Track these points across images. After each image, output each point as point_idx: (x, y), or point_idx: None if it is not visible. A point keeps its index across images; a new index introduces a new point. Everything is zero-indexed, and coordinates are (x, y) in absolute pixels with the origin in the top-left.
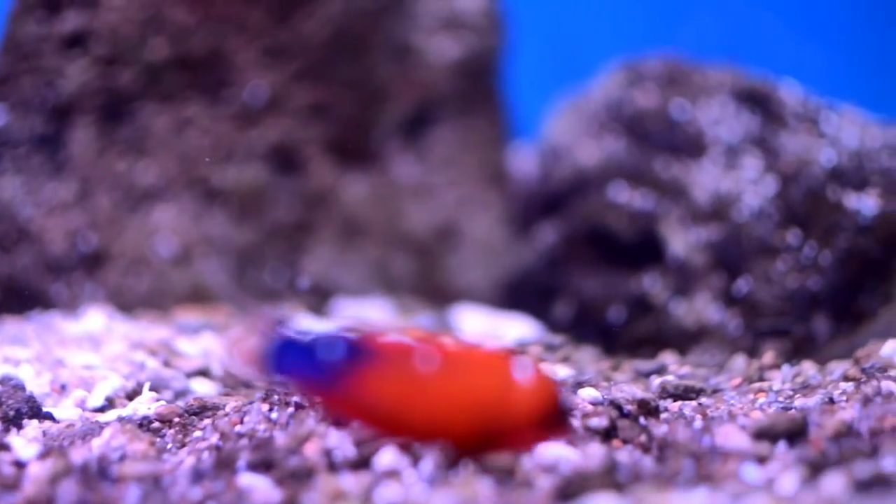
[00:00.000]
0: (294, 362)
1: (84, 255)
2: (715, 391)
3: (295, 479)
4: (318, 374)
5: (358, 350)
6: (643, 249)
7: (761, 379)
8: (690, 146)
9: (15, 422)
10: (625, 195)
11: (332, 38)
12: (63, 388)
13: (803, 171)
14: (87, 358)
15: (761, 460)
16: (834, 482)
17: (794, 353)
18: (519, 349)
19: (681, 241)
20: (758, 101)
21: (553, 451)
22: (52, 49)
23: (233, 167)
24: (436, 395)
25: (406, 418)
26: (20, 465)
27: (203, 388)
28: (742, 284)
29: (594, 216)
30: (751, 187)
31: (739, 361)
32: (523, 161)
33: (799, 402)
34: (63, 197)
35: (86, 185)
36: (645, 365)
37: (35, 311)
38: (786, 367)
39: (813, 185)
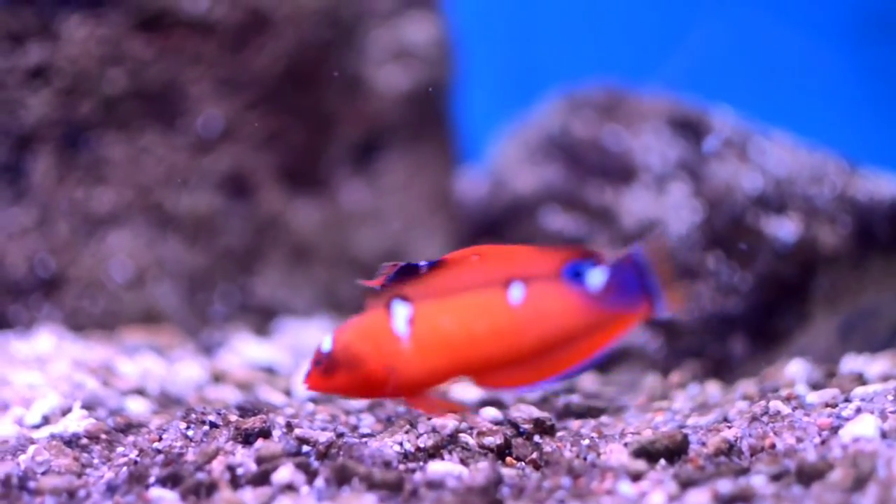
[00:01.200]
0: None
1: (42, 278)
2: (618, 410)
3: (199, 493)
4: None
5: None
6: None
7: (665, 398)
8: (623, 173)
9: None
10: (558, 221)
11: (284, 69)
12: (4, 406)
13: (727, 198)
14: (31, 377)
15: (636, 477)
16: (699, 497)
17: (712, 373)
18: None
19: None
20: (691, 128)
21: (441, 467)
22: (15, 81)
23: (186, 194)
24: None
25: None
26: None
27: (137, 407)
28: None
29: (528, 240)
30: (677, 213)
31: (650, 380)
32: (471, 185)
33: (693, 420)
34: (23, 223)
35: (45, 212)
36: (556, 384)
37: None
38: (691, 387)
39: (736, 210)
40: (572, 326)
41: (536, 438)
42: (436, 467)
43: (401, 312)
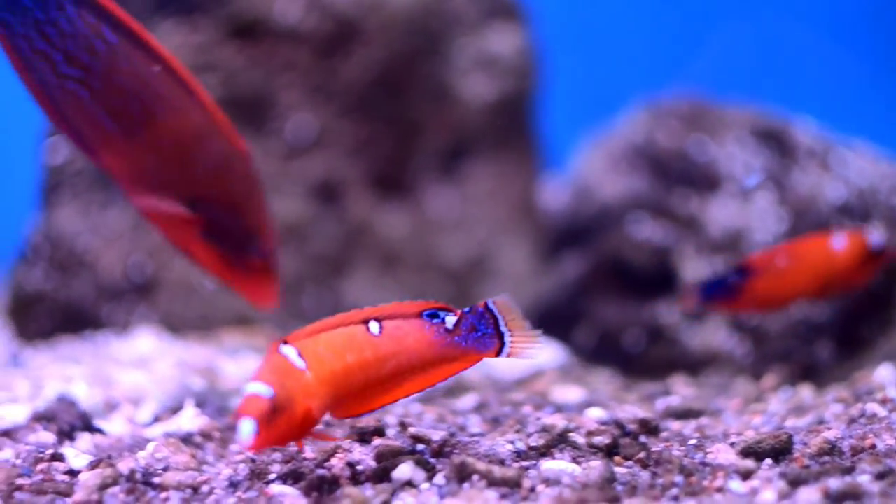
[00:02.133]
0: None
1: (137, 281)
2: (715, 412)
3: (321, 489)
4: None
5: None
6: (659, 280)
7: (759, 401)
8: (708, 181)
9: (69, 435)
10: (646, 229)
11: (374, 78)
12: (114, 405)
13: (812, 207)
14: (137, 377)
15: (746, 476)
16: (810, 494)
17: (800, 378)
18: (535, 373)
19: (693, 272)
20: (773, 139)
21: (555, 465)
22: None
23: (278, 199)
24: None
25: None
26: (73, 473)
27: None
28: None
29: (615, 249)
30: (763, 221)
31: (741, 384)
32: (554, 194)
33: (791, 422)
34: (118, 226)
35: (139, 216)
36: (653, 387)
37: (88, 331)
38: (783, 390)
39: (821, 219)
40: (427, 357)
41: (642, 438)
42: (550, 465)
43: (291, 351)
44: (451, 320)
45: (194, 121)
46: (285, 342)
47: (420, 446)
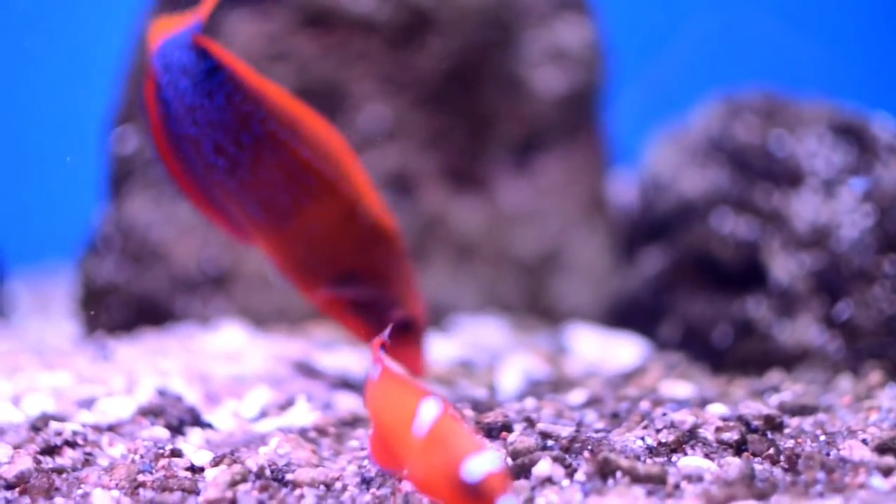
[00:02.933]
0: None
1: (212, 273)
2: (828, 408)
3: None
4: None
5: None
6: (746, 275)
7: (869, 397)
8: (789, 176)
9: (179, 430)
10: (729, 223)
11: (448, 69)
12: (215, 399)
13: None
14: (232, 370)
15: (887, 472)
16: None
17: (894, 374)
18: (640, 368)
19: (783, 267)
20: (853, 134)
21: (693, 461)
22: None
23: None
24: None
25: None
26: (194, 469)
27: (346, 401)
28: (842, 308)
29: (699, 243)
30: (850, 217)
31: (844, 381)
32: (622, 188)
33: None
34: (191, 218)
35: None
36: (760, 383)
37: (167, 323)
38: (890, 387)
39: None
40: None
41: (769, 435)
42: (688, 461)
43: None
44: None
45: (344, 204)
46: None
47: (550, 442)
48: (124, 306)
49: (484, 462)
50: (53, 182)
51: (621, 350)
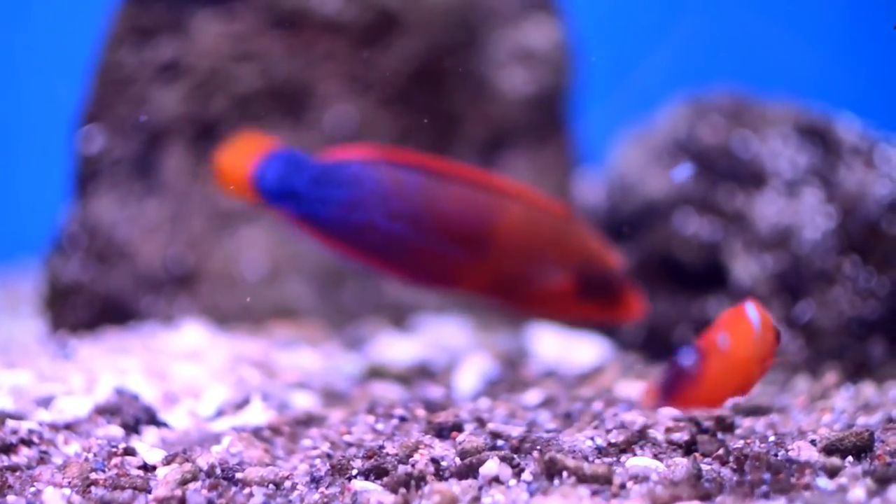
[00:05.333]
0: None
1: (177, 272)
2: (782, 409)
3: (408, 485)
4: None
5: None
6: (709, 275)
7: (824, 398)
8: (753, 178)
9: (134, 429)
10: (692, 224)
11: (413, 70)
12: (173, 399)
13: (861, 204)
14: (192, 370)
15: (833, 473)
16: None
17: (853, 375)
18: (597, 368)
19: (744, 268)
20: (817, 135)
21: (640, 462)
22: (147, 76)
23: None
24: None
25: None
26: (147, 468)
27: (303, 401)
28: (803, 309)
29: (663, 244)
30: (812, 218)
31: (801, 382)
32: (590, 189)
33: (861, 420)
34: (156, 217)
35: (178, 207)
36: None
37: (132, 322)
38: (846, 388)
39: (871, 217)
40: None
41: (719, 435)
42: (636, 462)
43: None
44: None
45: (518, 214)
46: None
47: (500, 442)
48: (89, 305)
49: None
50: (24, 180)
51: (582, 351)
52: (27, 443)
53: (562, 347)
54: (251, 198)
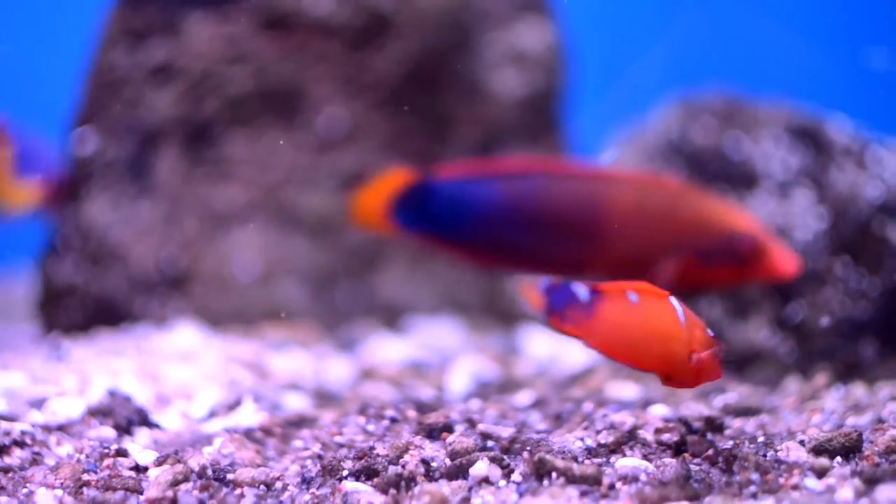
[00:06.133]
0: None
1: (170, 273)
2: (772, 410)
3: (398, 486)
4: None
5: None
6: None
7: (814, 399)
8: (745, 178)
9: (126, 430)
10: None
11: (406, 72)
12: (166, 400)
13: (852, 205)
14: (184, 371)
15: (821, 473)
16: (890, 493)
17: (844, 376)
18: (588, 369)
19: None
20: (808, 136)
21: (630, 462)
22: (140, 78)
23: (310, 192)
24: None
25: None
26: (139, 469)
27: (295, 402)
28: (795, 310)
29: None
30: (803, 219)
31: (792, 382)
32: None
33: (852, 420)
34: (149, 218)
35: (171, 208)
36: (707, 384)
37: (125, 324)
38: (836, 388)
39: (862, 218)
40: None
41: (709, 436)
42: (625, 462)
43: None
44: None
45: (631, 196)
46: None
47: (490, 443)
48: (82, 307)
49: None
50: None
51: (574, 351)
52: (20, 444)
53: (554, 348)
54: (391, 231)
